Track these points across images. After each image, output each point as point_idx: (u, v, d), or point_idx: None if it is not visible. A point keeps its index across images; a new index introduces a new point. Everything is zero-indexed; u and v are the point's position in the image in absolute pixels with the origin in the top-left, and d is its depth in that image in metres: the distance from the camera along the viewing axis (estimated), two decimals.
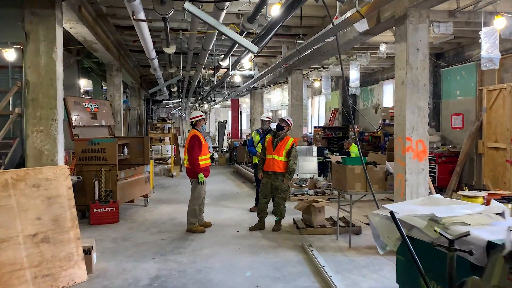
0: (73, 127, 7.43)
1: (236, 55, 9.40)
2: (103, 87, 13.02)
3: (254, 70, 11.73)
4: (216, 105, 27.08)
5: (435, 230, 2.51)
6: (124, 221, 7.08)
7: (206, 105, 27.19)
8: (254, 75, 11.84)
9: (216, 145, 22.06)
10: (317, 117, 19.99)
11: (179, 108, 28.87)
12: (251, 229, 6.49)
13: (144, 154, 8.79)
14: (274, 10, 5.35)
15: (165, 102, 24.54)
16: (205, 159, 6.50)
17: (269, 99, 20.32)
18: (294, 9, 4.88)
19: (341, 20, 5.21)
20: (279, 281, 4.42)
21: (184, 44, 8.92)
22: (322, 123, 18.32)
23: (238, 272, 4.69)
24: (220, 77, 13.61)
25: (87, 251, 4.55)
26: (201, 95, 21.29)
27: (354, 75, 10.85)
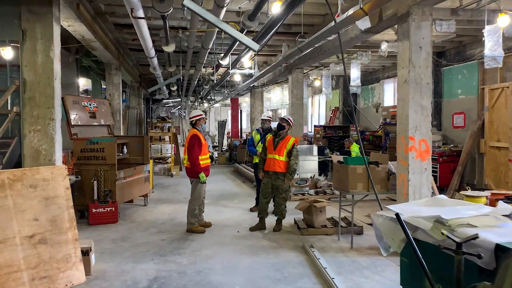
0: (72, 126, 7.37)
1: (236, 54, 9.33)
2: (102, 86, 12.95)
3: (254, 69, 11.66)
4: (216, 104, 27.01)
5: (442, 233, 2.44)
6: (124, 221, 7.02)
7: (206, 104, 27.13)
8: (254, 74, 11.77)
9: (216, 145, 22.00)
10: (317, 116, 19.93)
11: (179, 107, 28.80)
12: (252, 229, 6.43)
13: (144, 154, 8.74)
14: (275, 8, 5.28)
15: (165, 101, 24.46)
16: (205, 159, 6.45)
17: (269, 98, 20.27)
18: (295, 7, 4.82)
19: (344, 18, 5.14)
20: (280, 283, 4.36)
21: (184, 43, 8.85)
22: (323, 122, 18.27)
23: (239, 273, 4.63)
24: (220, 76, 13.54)
25: (86, 252, 4.49)
26: (201, 94, 21.21)
27: (355, 74, 10.78)
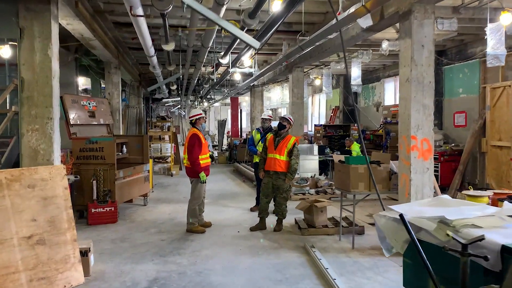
0: (71, 126, 7.33)
1: (236, 53, 9.27)
2: (102, 85, 12.88)
3: (254, 68, 11.59)
4: (216, 104, 26.95)
5: (448, 234, 2.39)
6: (123, 221, 6.98)
7: (206, 104, 27.05)
8: (254, 73, 11.70)
9: (216, 144, 21.95)
10: (318, 116, 19.87)
11: (179, 107, 28.73)
12: (252, 229, 6.39)
13: (143, 153, 8.70)
14: (276, 6, 5.22)
15: (165, 101, 24.38)
16: (205, 158, 6.40)
17: (269, 97, 20.24)
18: (296, 5, 4.76)
19: (345, 15, 5.09)
20: (281, 284, 4.31)
21: (183, 41, 8.78)
22: (323, 122, 18.20)
23: (239, 274, 4.58)
24: (220, 75, 13.48)
25: (84, 253, 4.44)
26: (201, 93, 21.14)
27: (356, 73, 10.72)
